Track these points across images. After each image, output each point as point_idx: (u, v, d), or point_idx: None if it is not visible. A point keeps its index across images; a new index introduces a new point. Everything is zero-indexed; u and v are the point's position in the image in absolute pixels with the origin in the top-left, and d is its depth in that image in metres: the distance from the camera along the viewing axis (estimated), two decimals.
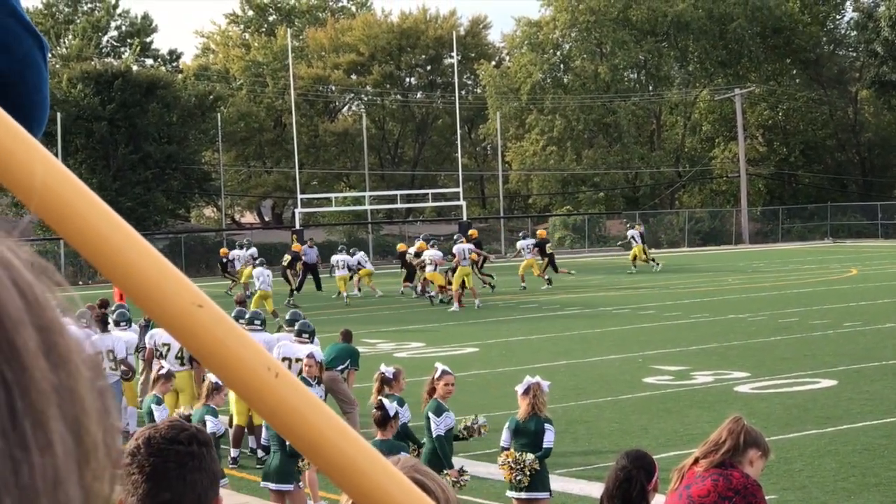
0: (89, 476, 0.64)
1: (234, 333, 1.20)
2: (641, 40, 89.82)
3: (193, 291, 1.22)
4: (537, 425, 12.97)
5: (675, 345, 28.04)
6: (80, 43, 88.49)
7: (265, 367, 1.19)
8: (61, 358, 0.63)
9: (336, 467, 1.19)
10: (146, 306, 1.23)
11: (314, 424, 1.18)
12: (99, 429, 0.64)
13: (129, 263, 1.23)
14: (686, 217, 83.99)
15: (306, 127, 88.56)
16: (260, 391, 1.18)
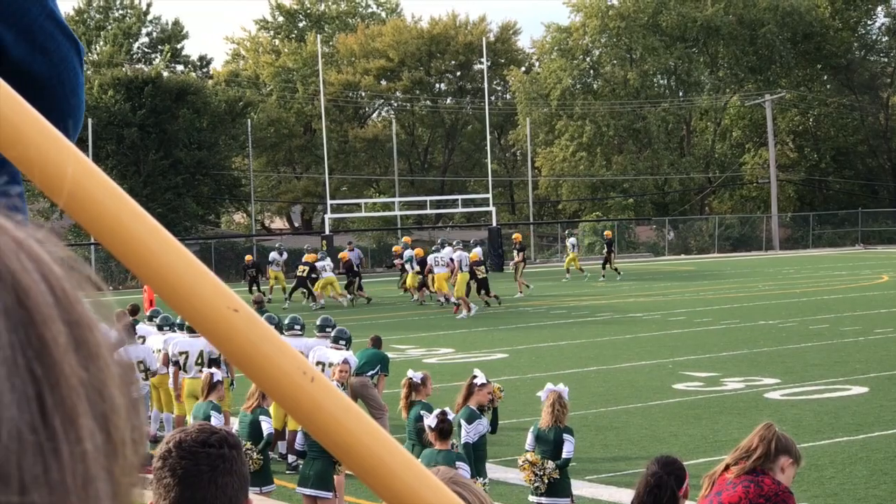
0: (118, 472, 0.63)
1: (270, 338, 1.20)
2: (671, 46, 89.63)
3: (229, 296, 1.22)
4: (556, 435, 12.97)
5: (706, 351, 27.95)
6: (112, 49, 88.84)
7: (301, 372, 1.18)
8: (91, 353, 0.63)
9: (371, 472, 1.18)
10: (182, 310, 1.23)
11: (349, 429, 1.18)
12: (127, 425, 0.64)
13: (165, 267, 1.23)
14: (716, 223, 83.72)
15: (336, 133, 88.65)
16: (295, 395, 1.18)
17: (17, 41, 2.22)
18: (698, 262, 70.13)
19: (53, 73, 2.28)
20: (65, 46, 2.30)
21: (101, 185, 1.28)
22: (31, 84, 2.22)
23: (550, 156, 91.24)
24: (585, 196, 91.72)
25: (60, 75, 2.30)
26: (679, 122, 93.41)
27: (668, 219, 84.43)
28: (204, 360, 19.43)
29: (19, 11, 2.20)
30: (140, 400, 0.66)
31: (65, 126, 2.31)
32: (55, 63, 2.28)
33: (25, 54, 2.23)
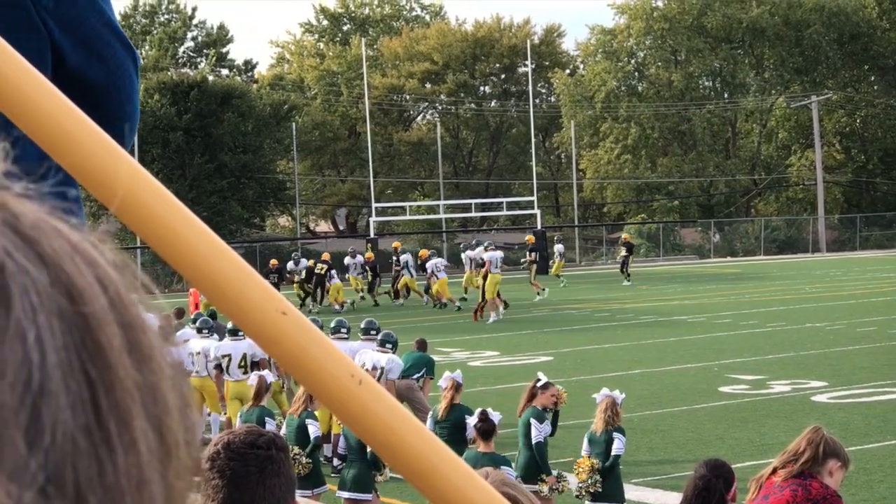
0: (171, 474, 0.65)
1: (318, 341, 1.20)
2: (716, 47, 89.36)
3: (277, 299, 1.22)
4: (608, 437, 12.99)
5: (752, 353, 27.83)
6: (157, 53, 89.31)
7: (349, 375, 1.19)
8: (144, 355, 0.64)
9: (419, 474, 1.19)
10: (230, 313, 1.24)
11: (397, 432, 1.18)
12: (180, 427, 0.65)
13: (213, 270, 1.24)
14: (762, 225, 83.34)
15: (381, 136, 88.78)
16: (343, 398, 1.19)
17: (75, 49, 2.25)
18: (744, 265, 69.82)
19: (110, 80, 2.31)
20: (121, 54, 2.33)
21: (152, 190, 1.28)
22: (88, 91, 2.25)
23: (595, 158, 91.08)
24: (630, 198, 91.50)
25: (117, 82, 2.33)
26: (724, 123, 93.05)
27: (714, 221, 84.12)
28: (247, 363, 19.47)
29: (77, 20, 2.23)
30: (193, 399, 0.67)
31: (121, 132, 2.34)
32: (111, 70, 2.31)
33: (83, 62, 2.26)
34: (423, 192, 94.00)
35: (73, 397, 0.58)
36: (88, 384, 0.60)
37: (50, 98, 1.43)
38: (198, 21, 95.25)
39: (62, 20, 2.21)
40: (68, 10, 2.21)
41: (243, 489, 3.71)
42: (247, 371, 19.41)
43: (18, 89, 1.40)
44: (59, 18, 2.21)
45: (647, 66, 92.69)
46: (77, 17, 2.23)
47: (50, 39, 2.21)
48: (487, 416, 12.41)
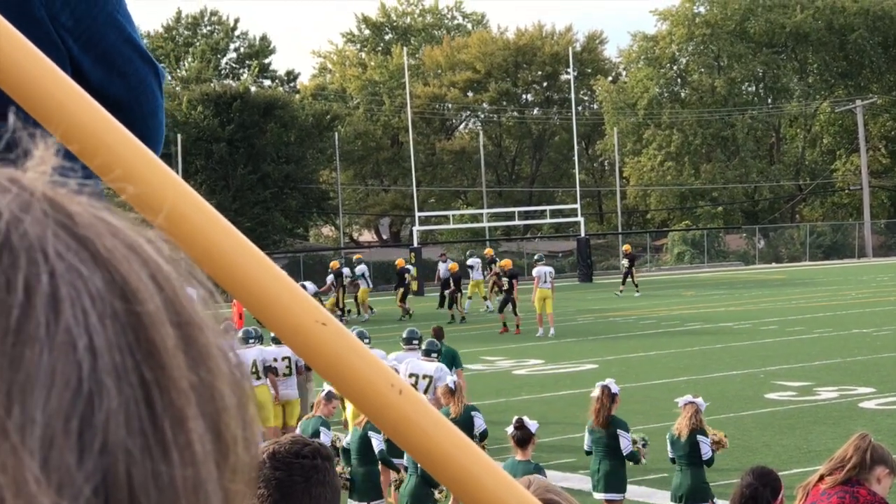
0: (228, 475, 0.64)
1: (358, 350, 1.21)
2: (759, 52, 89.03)
3: (317, 309, 1.23)
4: (689, 438, 13.05)
5: (798, 360, 27.67)
6: (200, 65, 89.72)
7: (388, 384, 1.19)
8: (200, 355, 0.64)
9: (460, 483, 1.19)
10: (270, 324, 1.25)
11: (437, 441, 1.18)
12: (238, 423, 0.65)
13: (253, 281, 1.25)
14: (807, 231, 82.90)
15: (423, 145, 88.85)
16: (383, 408, 1.19)
17: (95, 66, 2.24)
18: (789, 271, 69.49)
19: (132, 96, 2.31)
20: (143, 70, 2.32)
21: (191, 202, 1.29)
22: (110, 107, 2.24)
23: (638, 165, 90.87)
24: (674, 205, 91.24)
25: (139, 98, 2.32)
26: (768, 129, 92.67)
27: (759, 227, 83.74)
28: (259, 370, 19.52)
29: (97, 37, 2.23)
30: (252, 395, 0.67)
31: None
32: (133, 86, 2.30)
33: (103, 78, 2.26)
34: (466, 201, 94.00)
35: (126, 401, 0.58)
36: (142, 386, 0.60)
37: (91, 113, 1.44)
38: (240, 32, 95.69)
39: (81, 37, 2.21)
40: (87, 27, 2.21)
41: (289, 499, 3.71)
42: (259, 377, 19.47)
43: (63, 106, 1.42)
44: (77, 36, 2.20)
45: (689, 72, 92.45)
46: (96, 34, 2.23)
47: (69, 56, 2.21)
48: (524, 424, 12.34)
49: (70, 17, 2.18)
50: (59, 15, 2.17)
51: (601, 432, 13.78)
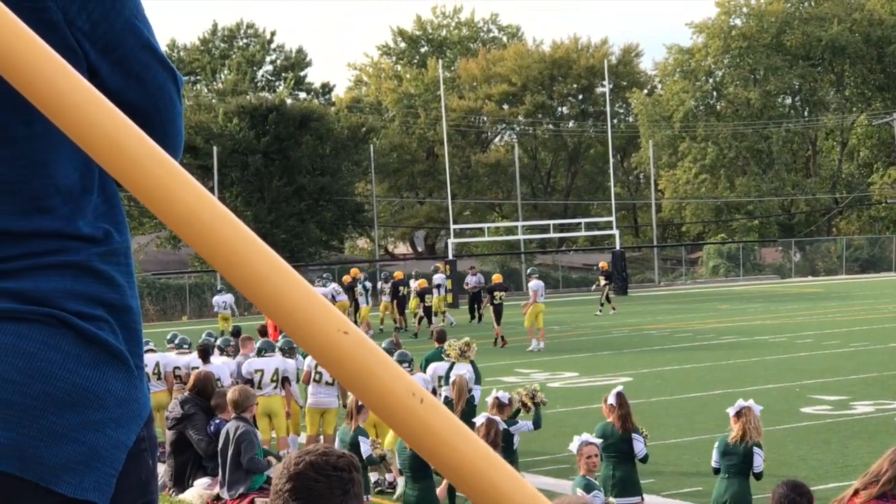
0: None
1: (379, 359, 1.21)
2: (795, 65, 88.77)
3: (339, 318, 1.24)
4: (745, 448, 12.92)
5: (834, 374, 27.51)
6: (236, 77, 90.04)
7: (409, 393, 1.19)
8: None
9: (481, 493, 1.18)
10: (293, 332, 1.26)
11: (459, 449, 1.18)
12: None
13: (276, 290, 1.25)
14: (844, 244, 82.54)
15: (458, 158, 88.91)
16: (404, 416, 1.19)
17: (112, 71, 2.23)
18: (826, 284, 69.18)
19: (149, 102, 2.29)
20: (161, 76, 2.31)
21: (210, 209, 1.29)
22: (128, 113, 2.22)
23: (674, 178, 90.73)
24: (709, 218, 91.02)
25: (156, 104, 2.31)
26: (804, 142, 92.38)
27: (795, 240, 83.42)
28: (279, 379, 19.55)
29: (114, 42, 2.21)
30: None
31: None
32: (150, 92, 2.29)
33: (121, 84, 2.24)
34: (501, 214, 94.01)
35: None
36: None
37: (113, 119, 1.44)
38: (276, 45, 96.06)
39: (98, 42, 2.19)
40: (105, 32, 2.19)
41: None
42: (277, 386, 19.50)
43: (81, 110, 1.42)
44: (95, 41, 2.19)
45: (725, 85, 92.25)
46: (114, 40, 2.21)
47: (86, 62, 2.19)
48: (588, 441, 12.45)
49: (87, 21, 2.17)
50: (75, 19, 2.15)
51: (616, 437, 13.76)
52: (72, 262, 2.17)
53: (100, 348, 2.15)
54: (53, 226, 2.17)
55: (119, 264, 2.26)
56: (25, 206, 2.15)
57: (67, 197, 2.20)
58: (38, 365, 2.06)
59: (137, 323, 2.28)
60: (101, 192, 2.28)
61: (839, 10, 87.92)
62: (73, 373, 2.10)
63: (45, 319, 2.10)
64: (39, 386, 2.05)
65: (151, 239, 76.22)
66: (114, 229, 2.28)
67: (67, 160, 2.18)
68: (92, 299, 2.17)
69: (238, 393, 14.83)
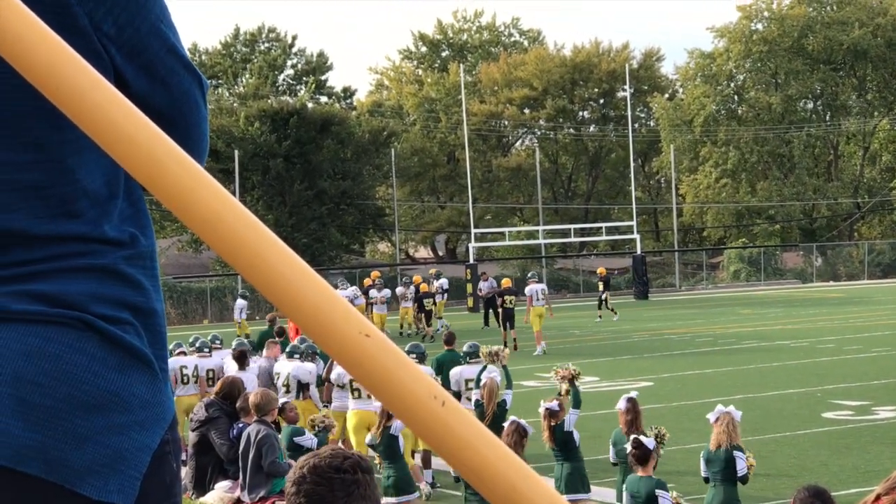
0: None
1: (401, 362, 1.21)
2: (816, 69, 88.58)
3: (361, 321, 1.24)
4: (726, 454, 12.92)
5: (856, 379, 27.44)
6: (258, 81, 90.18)
7: (431, 396, 1.19)
8: None
9: (502, 496, 1.18)
10: (315, 335, 1.26)
11: (481, 453, 1.18)
12: None
13: (298, 293, 1.26)
14: (866, 249, 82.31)
15: (479, 162, 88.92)
16: (425, 420, 1.19)
17: (138, 75, 2.24)
18: (847, 289, 68.98)
19: (175, 107, 2.30)
20: (186, 80, 2.32)
21: (234, 212, 1.30)
22: (153, 117, 2.24)
23: (695, 183, 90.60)
24: (730, 223, 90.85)
25: (182, 108, 2.32)
26: (825, 146, 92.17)
27: (816, 245, 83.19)
28: (290, 385, 19.63)
29: (140, 46, 2.22)
30: None
31: None
32: (176, 97, 2.30)
33: (146, 89, 2.25)
34: (522, 218, 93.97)
35: None
36: None
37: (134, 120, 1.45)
38: (297, 49, 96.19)
39: (124, 46, 2.20)
40: (130, 36, 2.20)
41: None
42: (289, 391, 19.56)
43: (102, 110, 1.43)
44: (120, 45, 2.20)
45: (746, 89, 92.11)
46: (140, 44, 2.22)
47: (112, 66, 2.21)
48: (641, 443, 12.47)
49: (113, 25, 2.18)
50: (101, 24, 2.16)
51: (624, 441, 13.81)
52: (98, 265, 2.19)
53: (125, 351, 2.16)
54: (80, 229, 2.19)
55: (145, 267, 2.28)
56: (53, 210, 2.17)
57: (94, 201, 2.22)
58: (63, 368, 2.08)
59: (162, 326, 2.29)
60: (127, 197, 2.30)
61: (861, 15, 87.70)
62: (99, 376, 2.11)
63: (71, 322, 2.11)
64: (65, 389, 2.07)
65: (173, 242, 76.36)
66: (139, 233, 2.30)
67: (95, 165, 2.20)
68: (117, 302, 2.19)
69: (260, 396, 14.86)
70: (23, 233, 2.14)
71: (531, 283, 40.20)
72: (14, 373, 2.05)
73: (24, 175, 2.15)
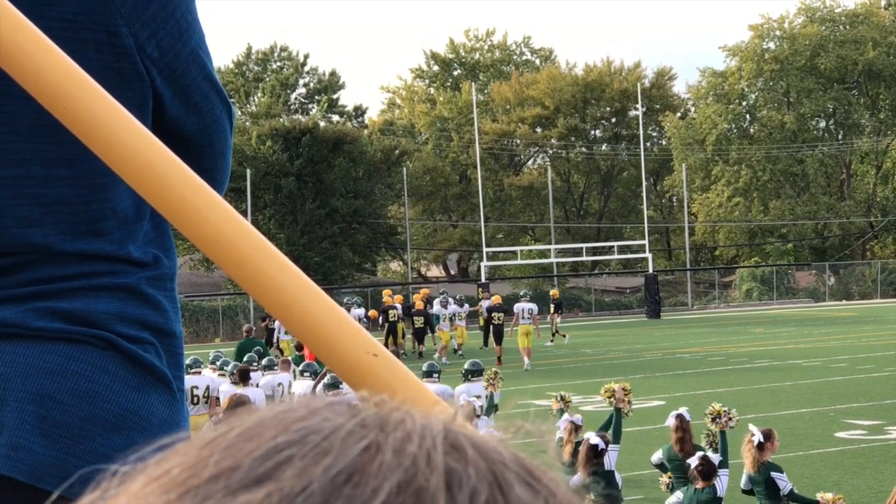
0: None
1: (409, 382, 1.22)
2: (829, 88, 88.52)
3: (369, 341, 1.25)
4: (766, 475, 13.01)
5: (869, 398, 27.36)
6: (269, 100, 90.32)
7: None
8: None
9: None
10: (322, 354, 1.27)
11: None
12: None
13: (306, 313, 1.26)
14: (879, 268, 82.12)
15: (491, 181, 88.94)
16: None
17: (175, 100, 2.27)
18: (860, 308, 68.82)
19: (205, 134, 2.33)
20: (218, 108, 2.35)
21: (245, 236, 1.30)
22: (183, 143, 2.27)
23: (707, 201, 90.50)
24: (743, 242, 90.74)
25: (211, 136, 2.35)
26: (838, 165, 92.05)
27: (829, 264, 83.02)
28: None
29: (179, 71, 2.25)
30: None
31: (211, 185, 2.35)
32: (208, 124, 2.33)
33: (181, 113, 2.28)
34: (534, 237, 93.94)
35: None
36: None
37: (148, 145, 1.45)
38: (309, 68, 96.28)
39: (164, 70, 2.23)
40: (171, 60, 2.24)
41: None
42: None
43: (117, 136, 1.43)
44: (161, 68, 2.23)
45: (758, 108, 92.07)
46: (179, 69, 2.25)
47: (152, 88, 2.23)
48: (708, 460, 12.89)
49: (156, 48, 2.21)
50: (145, 45, 2.20)
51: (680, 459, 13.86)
52: (121, 285, 2.21)
53: (145, 371, 2.18)
54: (106, 249, 2.21)
55: (166, 289, 2.30)
56: (81, 228, 2.19)
57: (122, 221, 2.24)
58: (85, 386, 2.09)
59: (180, 347, 2.31)
60: (151, 218, 2.32)
61: (875, 34, 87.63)
62: (120, 395, 2.13)
63: (94, 341, 2.13)
64: (86, 407, 2.08)
65: (185, 261, 76.41)
66: (163, 255, 2.32)
67: (124, 185, 2.23)
68: (139, 322, 2.21)
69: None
70: (48, 249, 2.16)
71: (522, 301, 41.28)
72: (36, 390, 2.06)
73: (53, 190, 2.17)
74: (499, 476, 0.57)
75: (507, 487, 0.56)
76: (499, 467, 0.58)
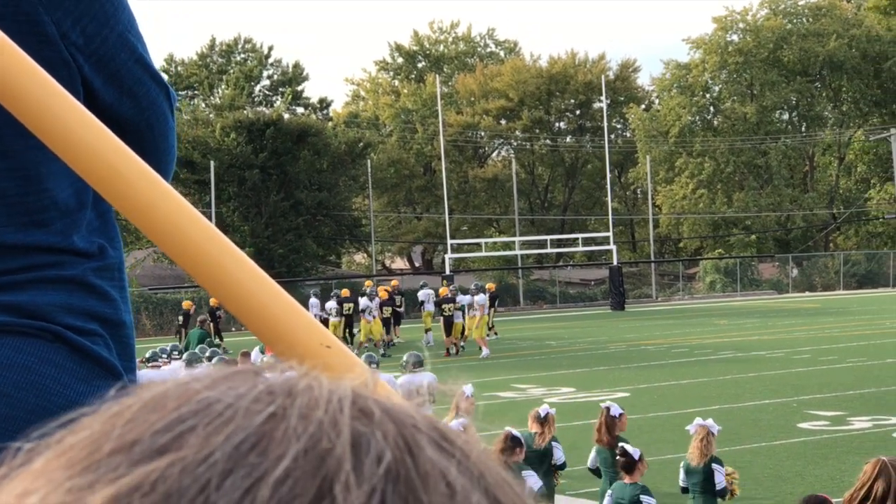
0: None
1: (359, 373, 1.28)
2: (792, 81, 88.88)
3: (322, 332, 1.25)
4: (706, 467, 12.94)
5: (831, 389, 27.48)
6: (233, 92, 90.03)
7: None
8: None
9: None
10: (275, 345, 1.26)
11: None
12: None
13: (259, 304, 1.26)
14: (841, 260, 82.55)
15: (456, 173, 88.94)
16: None
17: (106, 86, 2.23)
18: (823, 300, 69.15)
19: (142, 118, 2.30)
20: (154, 91, 2.31)
21: (194, 223, 1.30)
22: (120, 128, 2.23)
23: (671, 193, 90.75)
24: (706, 233, 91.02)
25: (149, 119, 2.31)
26: (801, 157, 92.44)
27: (792, 256, 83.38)
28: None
29: (107, 56, 2.21)
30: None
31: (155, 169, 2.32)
32: (144, 108, 2.29)
33: (114, 99, 2.24)
34: (498, 229, 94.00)
35: None
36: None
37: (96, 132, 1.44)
38: (273, 60, 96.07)
39: (92, 56, 2.19)
40: (98, 46, 2.20)
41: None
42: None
43: (63, 122, 1.42)
44: (89, 55, 2.19)
45: (722, 100, 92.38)
46: (107, 54, 2.21)
47: (80, 75, 2.19)
48: (626, 452, 12.59)
49: (80, 35, 2.17)
50: (69, 33, 2.15)
51: (608, 452, 13.87)
52: (67, 277, 2.17)
53: (94, 363, 2.15)
54: (49, 240, 2.17)
55: (113, 279, 2.26)
56: (22, 220, 2.15)
57: (63, 211, 2.20)
58: (32, 379, 2.06)
59: (130, 338, 2.28)
60: (94, 208, 2.28)
61: (837, 26, 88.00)
62: (67, 387, 2.09)
63: (41, 333, 2.09)
64: (33, 399, 2.05)
65: (148, 253, 76.10)
66: (108, 244, 2.28)
67: (63, 175, 2.18)
68: (86, 314, 2.17)
69: None
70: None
71: (480, 293, 42.20)
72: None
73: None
74: (409, 439, 0.57)
75: (418, 450, 0.56)
76: (409, 430, 0.58)
